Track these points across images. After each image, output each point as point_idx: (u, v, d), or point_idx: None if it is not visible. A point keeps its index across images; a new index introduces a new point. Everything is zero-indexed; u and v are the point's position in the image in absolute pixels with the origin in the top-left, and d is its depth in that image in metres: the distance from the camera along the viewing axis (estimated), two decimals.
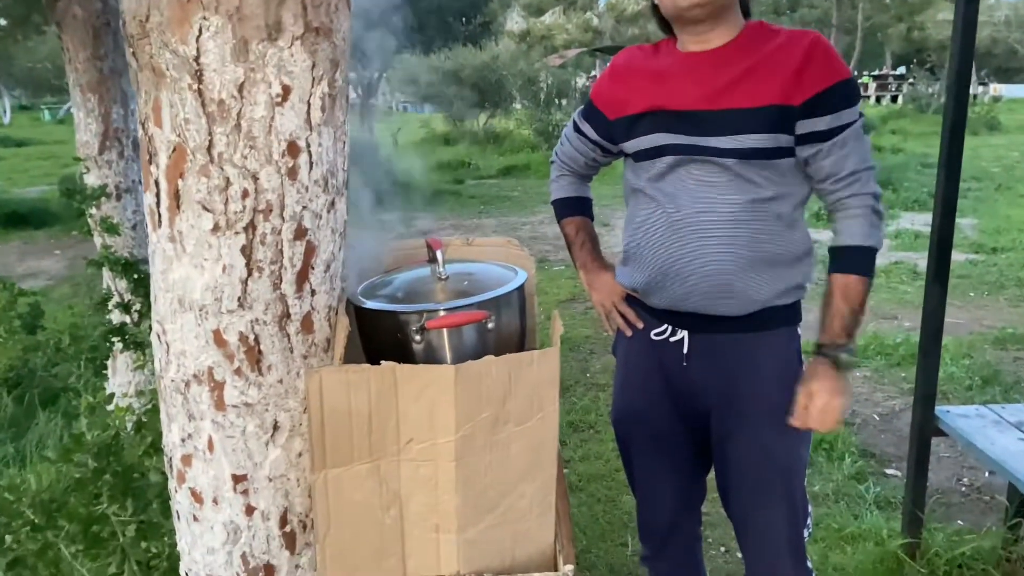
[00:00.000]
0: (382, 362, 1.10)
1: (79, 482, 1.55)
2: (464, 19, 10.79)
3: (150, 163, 1.01)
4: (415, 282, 1.36)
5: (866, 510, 2.74)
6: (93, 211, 2.81)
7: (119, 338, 2.09)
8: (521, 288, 1.31)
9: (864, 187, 1.44)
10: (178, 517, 1.28)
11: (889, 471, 3.11)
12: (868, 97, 29.61)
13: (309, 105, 0.98)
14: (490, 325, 1.22)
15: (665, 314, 1.56)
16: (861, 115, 1.45)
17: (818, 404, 1.42)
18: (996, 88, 30.16)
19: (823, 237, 1.61)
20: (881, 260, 6.42)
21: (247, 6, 0.88)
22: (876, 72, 30.35)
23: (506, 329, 1.29)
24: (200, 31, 0.88)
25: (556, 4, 28.73)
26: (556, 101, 15.59)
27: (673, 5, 1.41)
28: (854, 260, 1.45)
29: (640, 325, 1.62)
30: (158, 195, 1.02)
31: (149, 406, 1.59)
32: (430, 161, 13.40)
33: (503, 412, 1.15)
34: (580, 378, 4.10)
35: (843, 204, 1.45)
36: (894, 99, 28.14)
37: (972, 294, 5.53)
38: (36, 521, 1.54)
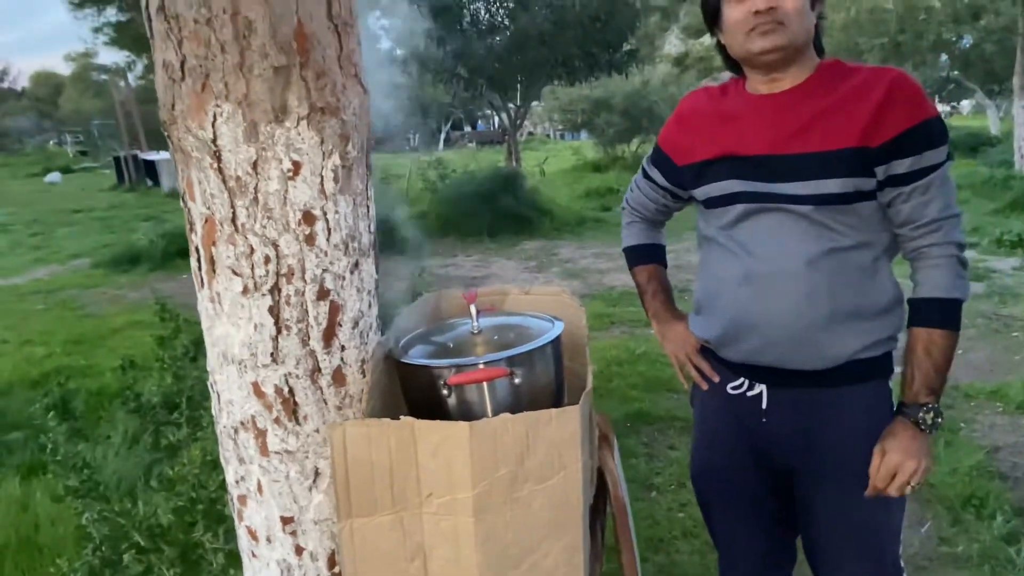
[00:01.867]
0: (401, 417, 1.14)
1: (177, 511, 1.71)
2: (610, 49, 10.83)
3: (191, 231, 1.11)
4: (457, 335, 1.39)
5: None
6: None
7: None
8: (555, 342, 1.31)
9: (947, 236, 1.33)
10: (243, 552, 1.38)
11: None
12: None
13: (322, 177, 1.05)
14: (517, 380, 1.23)
15: (741, 367, 1.50)
16: (950, 157, 1.34)
17: (889, 464, 1.32)
18: None
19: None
20: None
21: (254, 93, 0.96)
22: None
23: (538, 383, 1.29)
24: (215, 117, 0.98)
25: None
26: None
27: (743, 49, 1.37)
28: (937, 313, 1.34)
29: (716, 378, 1.57)
30: (199, 260, 1.12)
31: None
32: (578, 189, 13.51)
33: (522, 470, 1.15)
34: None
35: (923, 253, 1.35)
36: None
37: None
38: (143, 544, 1.71)
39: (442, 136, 27.55)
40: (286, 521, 1.27)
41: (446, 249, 8.90)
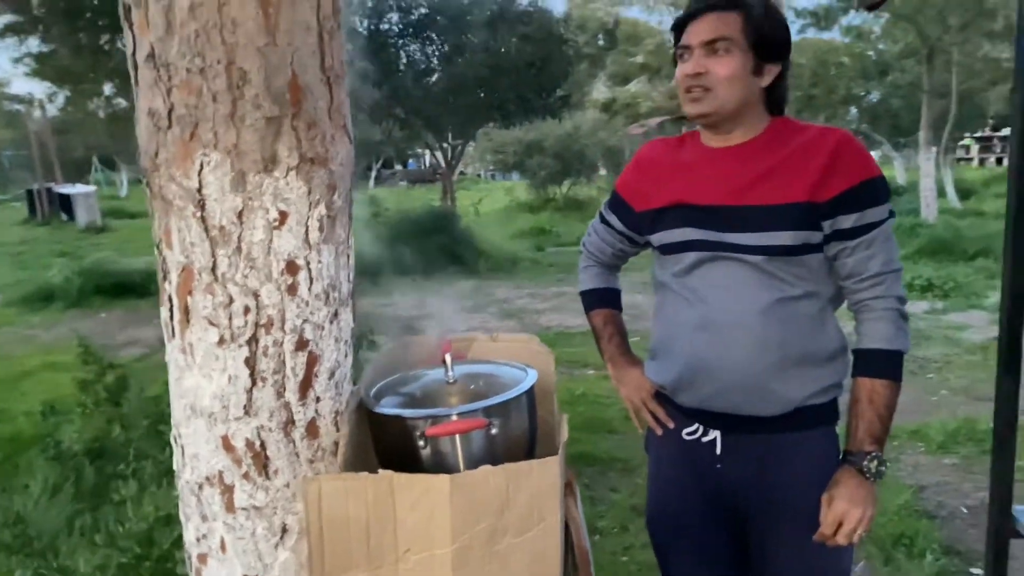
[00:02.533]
0: (380, 470, 1.12)
1: (121, 567, 1.61)
2: (544, 94, 11.09)
3: (164, 280, 1.08)
4: (430, 384, 1.38)
5: None
6: None
7: None
8: (530, 391, 1.31)
9: (889, 290, 1.40)
10: None
11: (975, 570, 2.88)
12: (971, 159, 28.47)
13: (307, 227, 1.04)
14: (494, 431, 1.23)
15: (696, 413, 1.53)
16: (891, 214, 1.41)
17: (836, 512, 1.36)
18: None
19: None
20: (978, 336, 6.13)
21: (244, 143, 0.95)
22: (979, 134, 29.23)
23: (513, 433, 1.29)
24: (201, 166, 0.96)
25: (641, 73, 29.14)
26: None
27: (685, 109, 1.43)
28: (880, 364, 1.40)
29: (671, 424, 1.59)
30: (171, 310, 1.09)
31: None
32: (512, 229, 13.64)
33: (501, 523, 1.14)
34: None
35: (867, 305, 1.42)
36: (999, 161, 26.95)
37: None
38: None
39: (373, 174, 27.45)
40: None
41: (381, 289, 8.81)
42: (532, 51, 10.63)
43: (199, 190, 0.97)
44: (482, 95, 10.73)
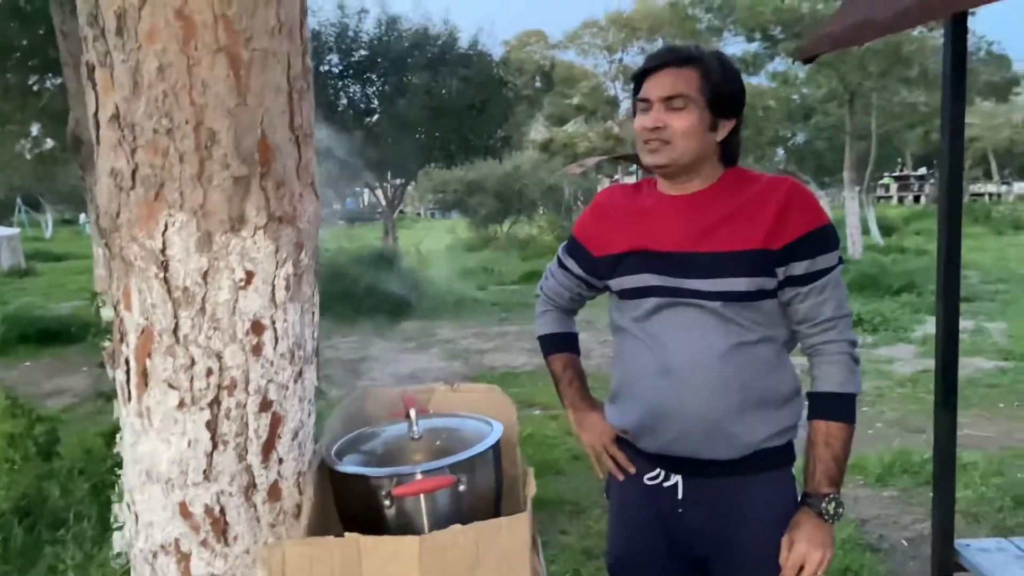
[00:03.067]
0: (346, 533, 1.09)
1: None
2: (484, 135, 11.22)
3: (121, 342, 1.04)
4: (393, 440, 1.35)
5: None
6: (107, 343, 2.89)
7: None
8: (496, 445, 1.30)
9: (841, 335, 1.45)
10: None
11: None
12: (891, 197, 29.84)
13: (273, 286, 1.02)
14: (461, 488, 1.21)
15: (657, 458, 1.54)
16: (840, 262, 1.46)
17: (796, 555, 1.39)
18: (1021, 187, 30.29)
19: None
20: (907, 369, 6.36)
21: (211, 203, 0.93)
22: (897, 173, 30.71)
23: (480, 488, 1.27)
24: (166, 226, 0.93)
25: (577, 114, 29.76)
26: (578, 206, 15.94)
27: (644, 159, 1.47)
28: (834, 407, 1.44)
29: (632, 469, 1.59)
30: (128, 373, 1.05)
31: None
32: (454, 268, 13.63)
33: None
34: (597, 499, 3.98)
35: (820, 350, 1.46)
36: (917, 199, 28.34)
37: (1002, 404, 5.36)
38: None
39: None
40: None
41: (321, 330, 8.65)
42: (473, 93, 10.76)
43: (163, 251, 0.94)
44: (423, 136, 10.79)
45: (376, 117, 11.07)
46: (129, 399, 1.06)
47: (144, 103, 0.89)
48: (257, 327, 1.02)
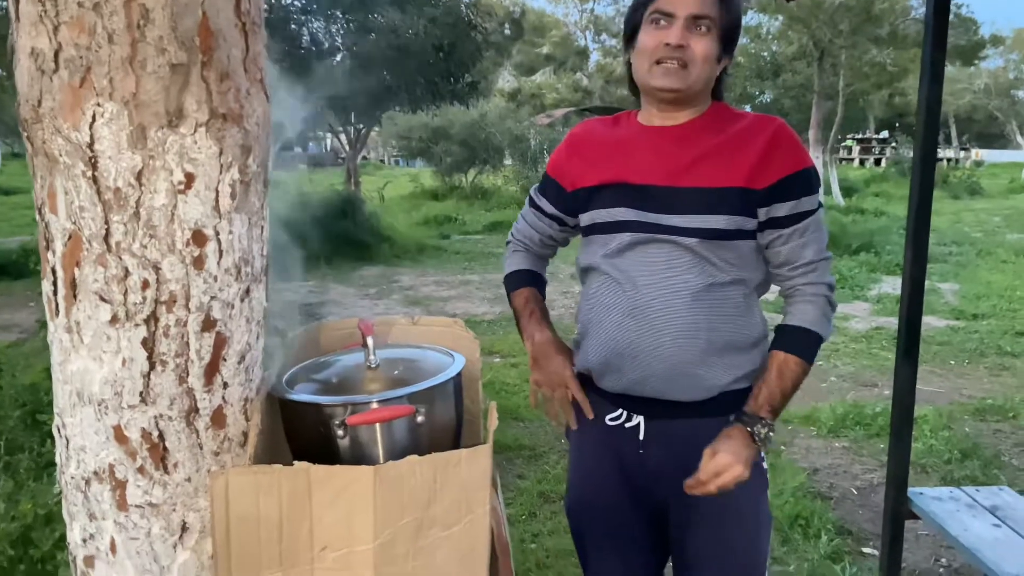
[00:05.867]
0: (295, 462, 1.02)
1: None
2: (452, 79, 10.94)
3: (47, 250, 0.94)
4: (348, 369, 1.28)
5: None
6: None
7: None
8: (457, 377, 1.24)
9: (820, 277, 1.42)
10: None
11: (867, 550, 3.01)
12: (852, 160, 30.17)
13: (217, 192, 0.93)
14: (420, 419, 1.15)
15: (619, 398, 1.50)
16: (820, 205, 1.43)
17: (718, 463, 1.33)
18: (977, 153, 30.84)
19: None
20: (862, 325, 6.46)
21: (144, 92, 0.83)
22: (860, 136, 31.01)
23: (440, 421, 1.21)
24: (94, 117, 0.83)
25: (546, 64, 29.36)
26: (544, 157, 15.78)
27: (645, 79, 1.39)
28: (798, 341, 1.41)
29: (591, 416, 1.54)
30: (55, 283, 0.95)
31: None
32: (417, 216, 13.44)
33: (428, 516, 1.07)
34: (554, 444, 3.99)
35: (798, 290, 1.44)
36: (877, 162, 28.70)
37: (952, 362, 5.48)
38: None
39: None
40: None
41: (281, 274, 8.48)
42: (440, 34, 10.44)
43: (90, 145, 0.84)
44: (388, 77, 10.47)
45: (340, 56, 10.72)
46: (57, 313, 0.97)
47: None
48: (199, 237, 0.93)
